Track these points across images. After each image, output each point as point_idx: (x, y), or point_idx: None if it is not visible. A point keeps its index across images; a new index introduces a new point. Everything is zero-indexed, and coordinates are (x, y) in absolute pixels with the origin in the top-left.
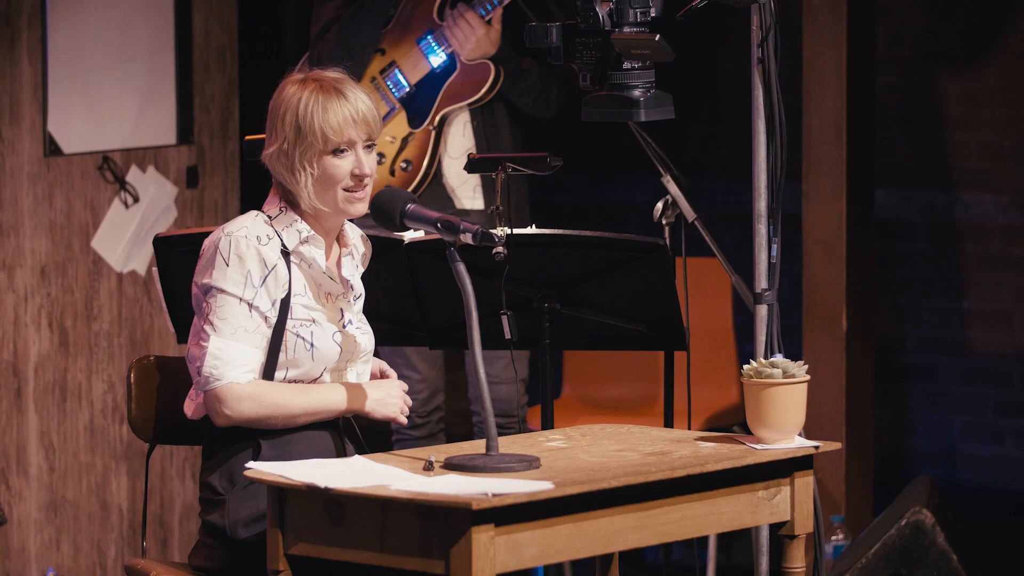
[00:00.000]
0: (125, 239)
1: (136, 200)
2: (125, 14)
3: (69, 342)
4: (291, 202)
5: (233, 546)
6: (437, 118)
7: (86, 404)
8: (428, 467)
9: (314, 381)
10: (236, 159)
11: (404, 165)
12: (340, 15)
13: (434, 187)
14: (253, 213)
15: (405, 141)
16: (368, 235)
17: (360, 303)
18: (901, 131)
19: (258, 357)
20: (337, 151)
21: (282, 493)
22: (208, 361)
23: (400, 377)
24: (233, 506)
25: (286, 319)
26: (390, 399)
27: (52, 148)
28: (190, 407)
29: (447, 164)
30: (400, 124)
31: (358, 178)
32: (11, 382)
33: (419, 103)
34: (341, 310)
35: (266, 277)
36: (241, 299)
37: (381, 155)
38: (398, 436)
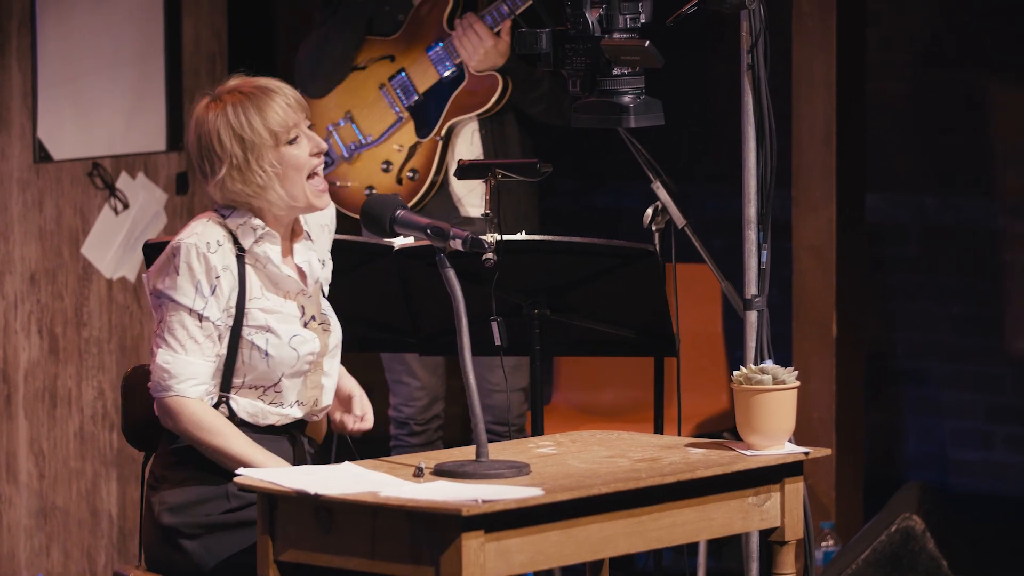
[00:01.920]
0: (115, 245)
1: (126, 206)
2: (115, 20)
3: (59, 349)
4: (247, 207)
5: (159, 528)
6: (444, 128)
7: (76, 411)
8: (418, 473)
9: (273, 387)
10: None
11: (411, 174)
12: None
13: (440, 196)
14: (206, 217)
15: (412, 150)
16: (358, 242)
17: (322, 286)
18: (891, 136)
19: (208, 367)
20: (290, 141)
21: (272, 499)
22: (156, 372)
23: (399, 384)
24: (167, 492)
25: (241, 325)
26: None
27: (42, 154)
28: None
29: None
30: (408, 133)
31: (317, 155)
32: (1, 389)
33: (427, 112)
34: (302, 307)
35: (215, 286)
36: (191, 310)
37: (388, 163)
38: (396, 443)
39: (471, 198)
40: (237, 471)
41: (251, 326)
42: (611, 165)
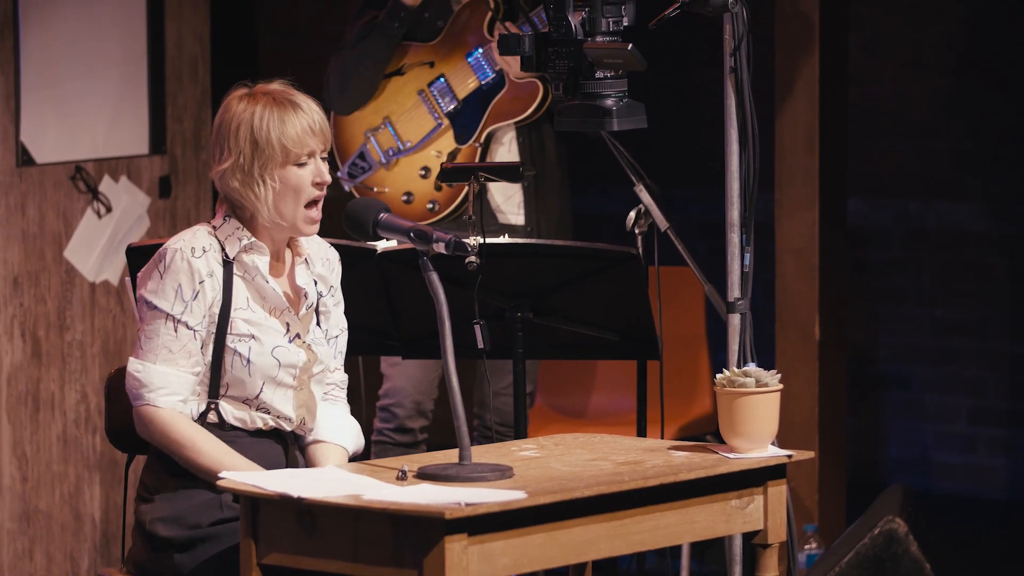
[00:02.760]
0: (98, 249)
1: (109, 210)
2: (98, 24)
3: (42, 352)
4: (238, 216)
5: (150, 540)
6: (484, 135)
7: (59, 414)
8: (401, 477)
9: (256, 397)
10: (209, 169)
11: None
12: (363, 35)
13: (478, 204)
14: (197, 226)
15: (451, 157)
16: (340, 244)
17: (323, 313)
18: (874, 140)
19: (181, 379)
20: (298, 164)
21: (255, 503)
22: (129, 380)
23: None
24: (158, 504)
25: (226, 333)
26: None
27: (25, 158)
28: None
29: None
30: (447, 140)
31: (319, 186)
32: None
33: (466, 119)
34: (287, 324)
35: (198, 292)
36: (168, 315)
37: (427, 169)
38: (379, 437)
39: (509, 205)
40: (219, 476)
41: (235, 334)
42: (594, 168)
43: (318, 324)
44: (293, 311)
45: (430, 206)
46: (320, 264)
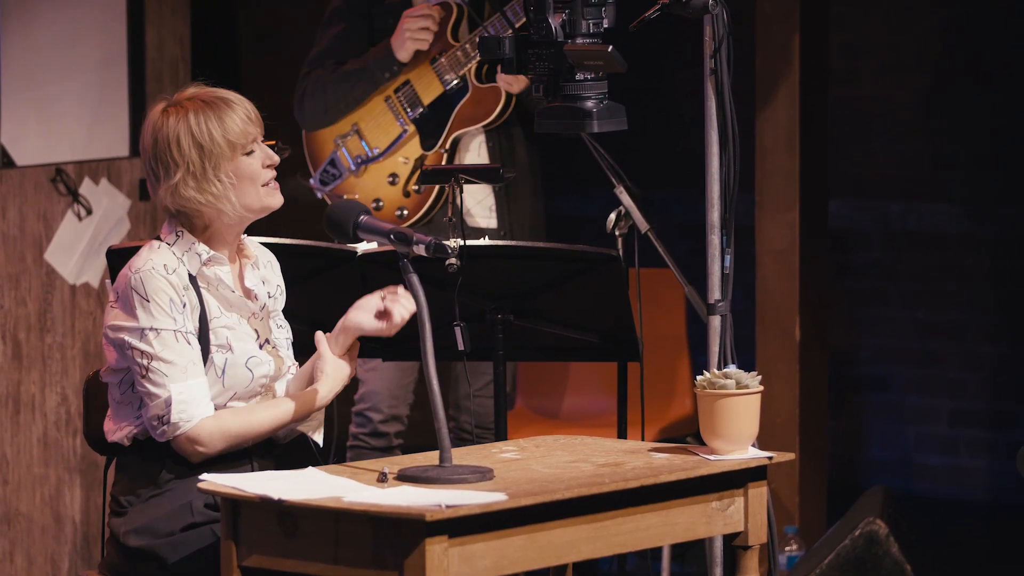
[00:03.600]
0: (78, 251)
1: (89, 212)
2: (78, 27)
3: (22, 355)
4: (188, 226)
5: (125, 552)
6: (449, 141)
7: (39, 416)
8: (382, 479)
9: (225, 405)
10: None
11: (417, 187)
12: (334, 47)
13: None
14: (154, 244)
15: (418, 163)
16: (321, 247)
17: (271, 312)
18: (855, 141)
19: (207, 382)
20: (246, 153)
21: (236, 505)
22: (175, 408)
23: (367, 389)
24: (131, 516)
25: (209, 343)
26: (339, 370)
27: (5, 160)
28: (113, 431)
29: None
30: (413, 146)
31: (270, 168)
32: None
33: (432, 125)
34: (256, 330)
35: (185, 302)
36: (175, 331)
37: (395, 176)
38: (354, 442)
39: (479, 209)
40: (201, 479)
41: (216, 344)
42: (574, 170)
43: (276, 324)
44: (257, 317)
45: (399, 212)
46: (263, 266)
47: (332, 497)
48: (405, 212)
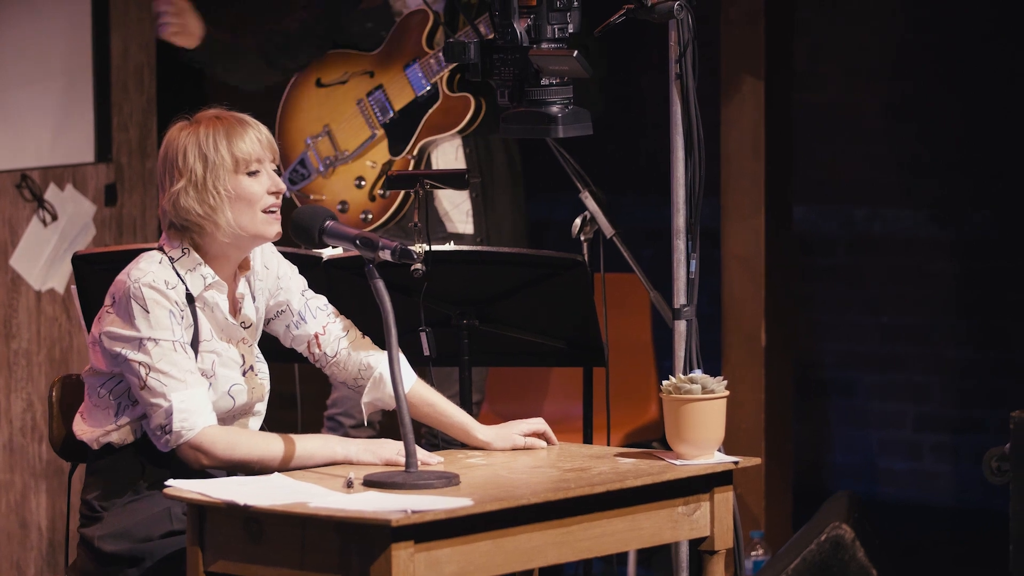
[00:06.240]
0: (44, 257)
1: (55, 218)
2: (43, 32)
3: None
4: (195, 244)
5: (99, 557)
6: (417, 147)
7: (5, 423)
8: (348, 484)
9: None
10: (154, 177)
11: (383, 192)
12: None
13: (424, 211)
14: (156, 256)
15: (385, 168)
16: (286, 252)
17: (256, 335)
18: (820, 146)
19: (208, 393)
20: (250, 173)
21: (201, 510)
22: (176, 417)
23: (339, 394)
24: (107, 521)
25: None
26: (379, 447)
27: None
28: (84, 431)
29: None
30: (381, 150)
31: (275, 195)
32: None
33: (401, 130)
34: (243, 355)
35: (183, 315)
36: (174, 341)
37: (361, 179)
38: (331, 424)
39: (456, 213)
40: (167, 484)
41: (200, 368)
42: (539, 175)
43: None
44: (246, 342)
45: (363, 216)
46: (260, 273)
47: (298, 503)
48: (370, 216)
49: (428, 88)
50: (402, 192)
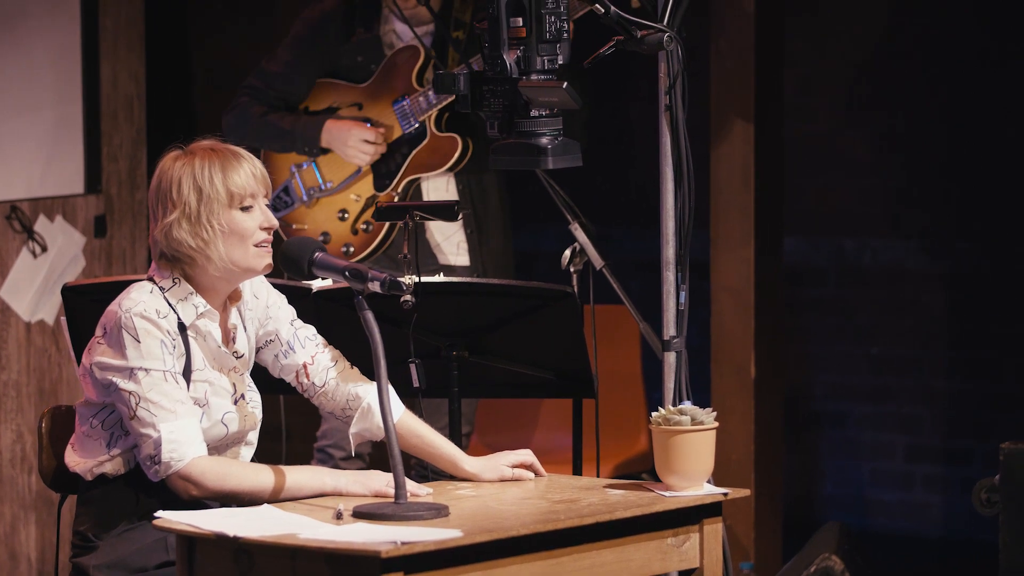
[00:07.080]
0: (33, 289)
1: (44, 249)
2: (33, 63)
3: None
4: (185, 274)
5: None
6: (402, 185)
7: None
8: (337, 516)
9: None
10: (144, 208)
11: (365, 226)
12: (284, 73)
13: (418, 242)
14: (147, 286)
15: (369, 203)
16: (276, 284)
17: (248, 364)
18: (809, 177)
19: (199, 424)
20: (243, 207)
21: (191, 542)
22: (165, 448)
23: (329, 426)
24: (102, 551)
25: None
26: (368, 479)
27: None
28: (77, 462)
29: (432, 221)
30: (366, 185)
31: (267, 230)
32: None
33: (387, 166)
34: (234, 384)
35: (175, 344)
36: (165, 371)
37: (344, 212)
38: (320, 456)
39: (448, 245)
40: (157, 516)
41: (192, 397)
42: (527, 206)
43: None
44: (237, 371)
45: (345, 248)
46: (250, 302)
47: (288, 534)
48: (352, 249)
49: (416, 126)
50: (385, 226)
